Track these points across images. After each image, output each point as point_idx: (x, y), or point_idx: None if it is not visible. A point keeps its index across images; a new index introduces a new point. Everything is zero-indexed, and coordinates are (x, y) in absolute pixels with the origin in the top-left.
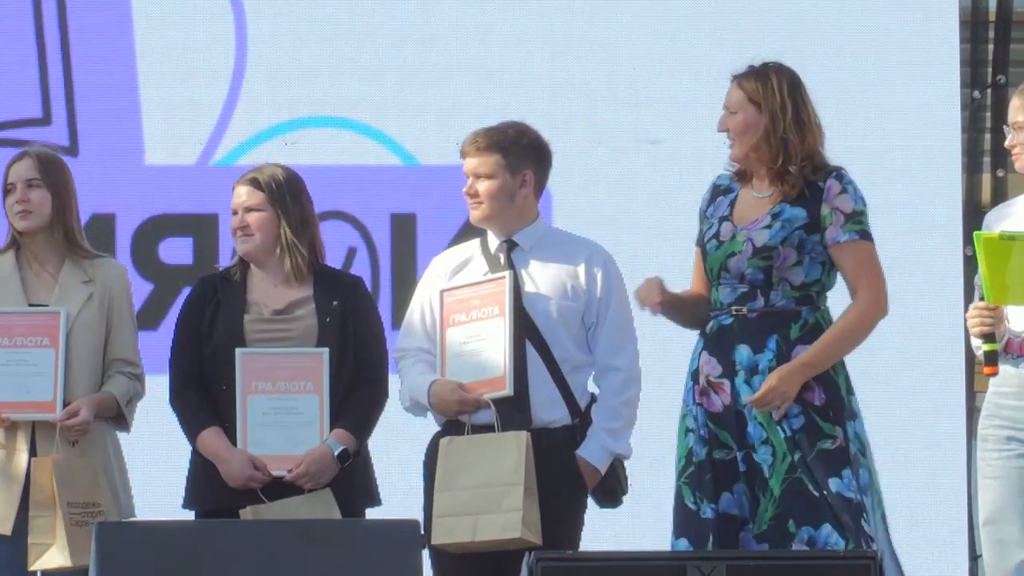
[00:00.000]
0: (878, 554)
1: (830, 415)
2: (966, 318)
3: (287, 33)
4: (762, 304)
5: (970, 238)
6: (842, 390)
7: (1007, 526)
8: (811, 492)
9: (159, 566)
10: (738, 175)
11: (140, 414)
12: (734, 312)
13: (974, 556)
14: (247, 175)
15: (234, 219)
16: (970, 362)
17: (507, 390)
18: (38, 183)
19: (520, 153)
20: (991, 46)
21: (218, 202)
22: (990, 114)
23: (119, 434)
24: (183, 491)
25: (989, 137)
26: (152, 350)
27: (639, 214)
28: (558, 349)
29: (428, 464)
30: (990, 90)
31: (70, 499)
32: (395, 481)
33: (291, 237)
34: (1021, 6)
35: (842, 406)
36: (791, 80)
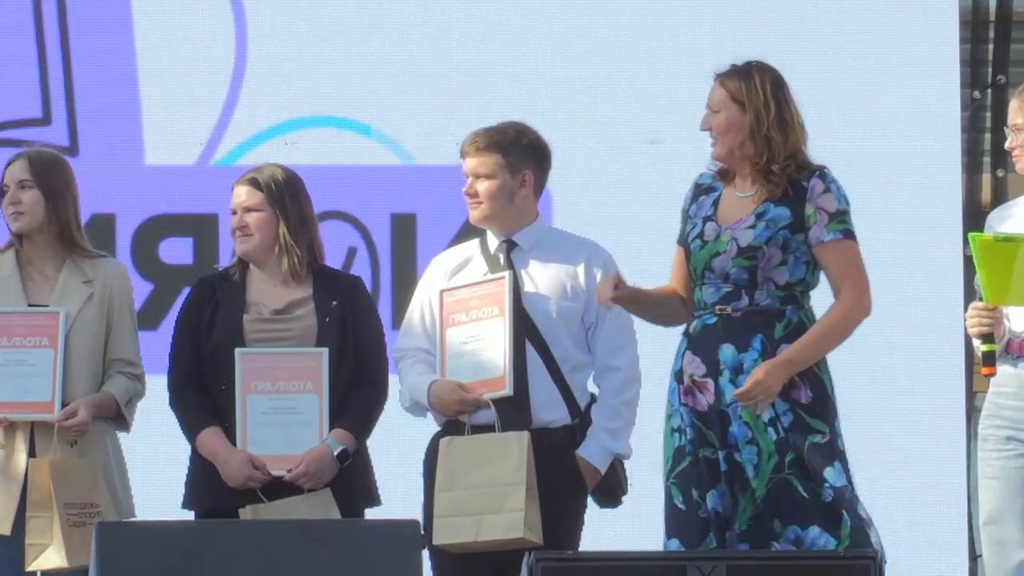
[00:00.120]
0: (878, 554)
1: (817, 412)
2: (965, 318)
3: (287, 33)
4: (746, 303)
5: (971, 231)
6: (828, 388)
7: (1007, 526)
8: (799, 493)
9: (159, 566)
10: (720, 174)
11: (140, 414)
12: (718, 311)
13: (974, 556)
14: (246, 175)
15: (233, 219)
16: (970, 362)
17: (507, 390)
18: (30, 184)
19: (520, 153)
20: (991, 46)
21: (218, 202)
22: (990, 114)
23: (119, 434)
24: (183, 491)
25: (989, 137)
26: (152, 350)
27: (639, 214)
28: (558, 349)
29: (428, 464)
30: (990, 90)
31: (67, 500)
32: (395, 481)
33: (290, 237)
34: (1021, 6)
35: (828, 403)
36: (774, 79)
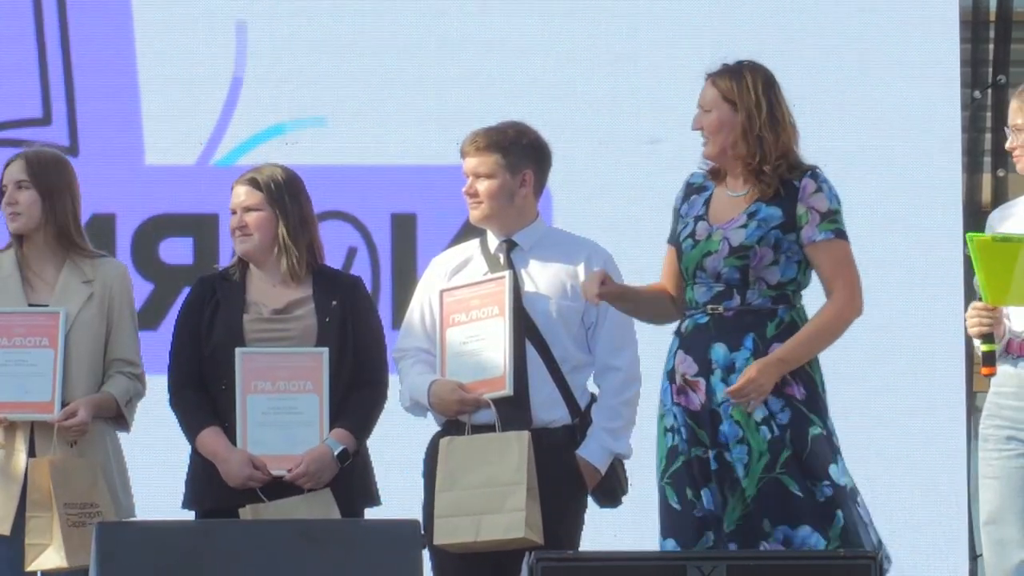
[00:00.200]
0: (879, 554)
1: (815, 407)
2: (965, 319)
3: (288, 34)
4: (738, 303)
5: (969, 232)
6: (819, 387)
7: (1007, 526)
8: (792, 492)
9: (159, 566)
10: (712, 173)
11: (140, 414)
12: (710, 311)
13: (974, 556)
14: (246, 175)
15: (233, 219)
16: (970, 362)
17: (507, 390)
18: (27, 185)
19: (520, 153)
20: (991, 46)
21: (218, 202)
22: (990, 114)
23: (119, 434)
24: (183, 491)
25: (989, 137)
26: (152, 350)
27: (639, 214)
28: (558, 349)
29: (428, 464)
30: (990, 90)
31: (67, 500)
32: (395, 481)
33: (288, 237)
34: (1021, 6)
35: (820, 402)
36: (765, 78)
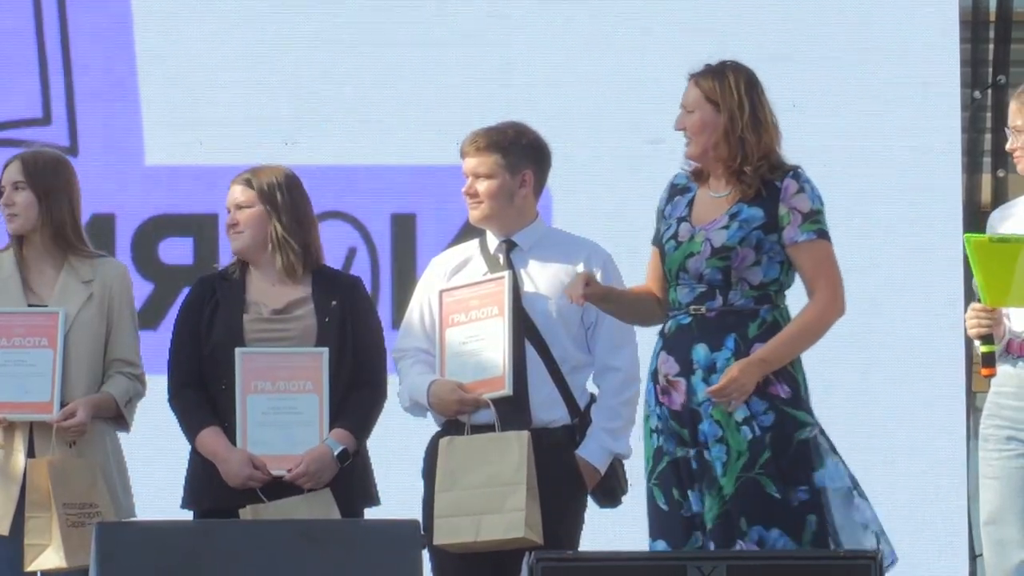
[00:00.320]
0: (879, 554)
1: (799, 406)
2: (965, 319)
3: (289, 35)
4: (720, 304)
5: (967, 233)
6: (801, 387)
7: (1007, 526)
8: (768, 494)
9: (159, 566)
10: (695, 175)
11: (140, 414)
12: (692, 312)
13: (974, 556)
14: (242, 174)
15: (228, 217)
16: (970, 362)
17: (506, 390)
18: (23, 186)
19: (520, 153)
20: (991, 46)
21: (218, 202)
22: (990, 114)
23: (119, 434)
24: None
25: (989, 137)
26: (152, 350)
27: (639, 214)
28: (557, 349)
29: (428, 464)
30: (990, 90)
31: (66, 500)
32: (394, 481)
33: (281, 234)
34: (1021, 6)
35: (806, 402)
36: (748, 79)
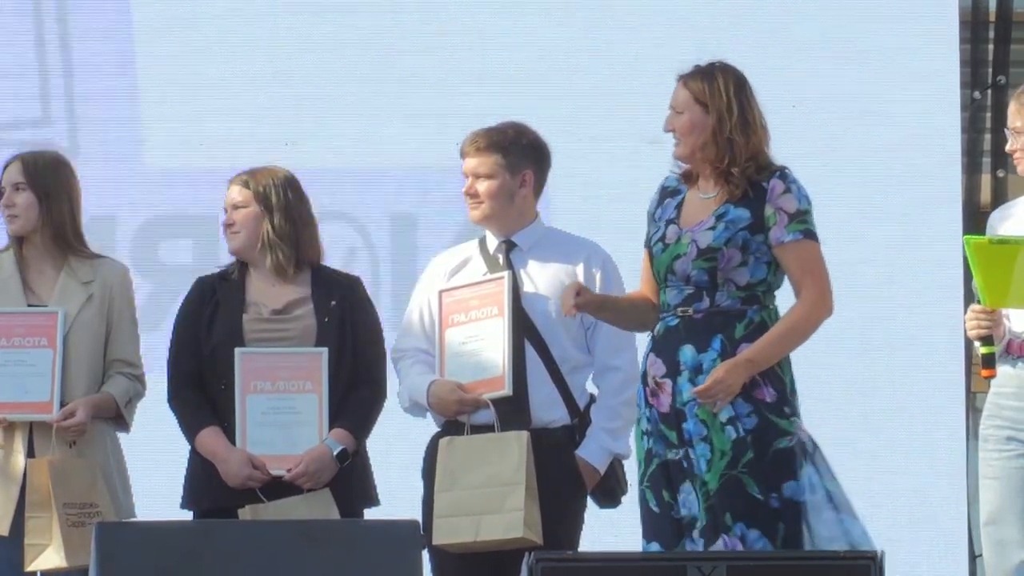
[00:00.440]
0: (878, 554)
1: (784, 411)
2: (964, 320)
3: (288, 39)
4: (708, 305)
5: (967, 235)
6: (788, 389)
7: (1007, 526)
8: (749, 494)
9: (159, 566)
10: (685, 177)
11: (140, 414)
12: (679, 313)
13: (974, 556)
14: (240, 175)
15: (225, 217)
16: (970, 362)
17: (506, 390)
18: (24, 187)
19: (520, 153)
20: (991, 46)
21: (218, 202)
22: (990, 115)
23: (119, 434)
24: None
25: (989, 138)
26: (152, 350)
27: (639, 215)
28: (557, 349)
29: (428, 464)
30: (990, 91)
31: (66, 500)
32: (394, 481)
33: (273, 234)
34: (1021, 6)
35: (792, 403)
36: (737, 80)
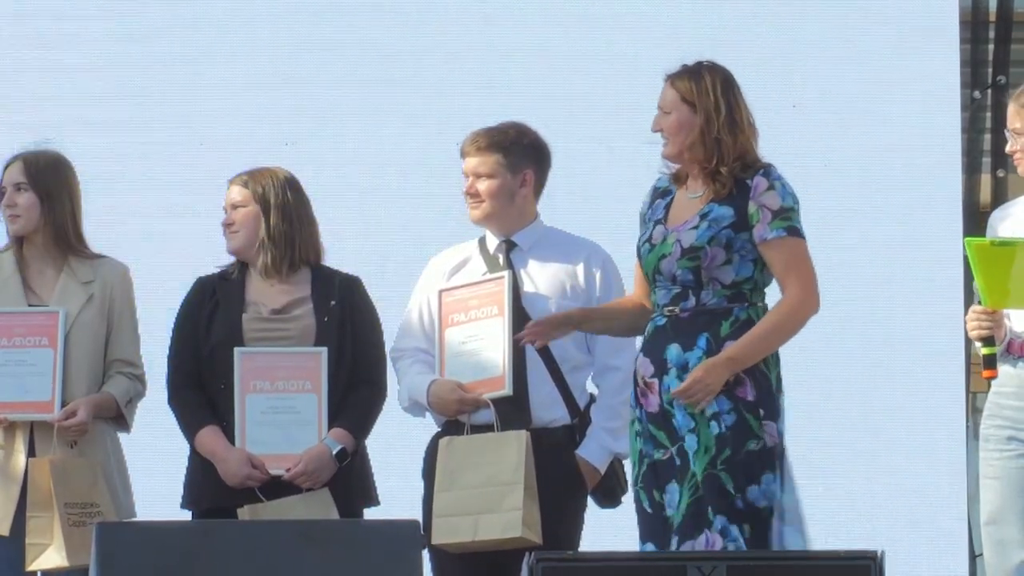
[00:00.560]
0: (878, 554)
1: (760, 413)
2: (965, 321)
3: (289, 35)
4: (694, 304)
5: (968, 236)
6: (773, 387)
7: (1008, 526)
8: (728, 490)
9: (159, 566)
10: (674, 177)
11: (140, 413)
12: (667, 313)
13: (974, 556)
14: (240, 175)
15: (224, 217)
16: (969, 362)
17: (506, 390)
18: (25, 187)
19: (520, 153)
20: (991, 46)
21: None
22: (990, 115)
23: (119, 434)
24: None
25: (989, 138)
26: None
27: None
28: (557, 349)
29: (428, 464)
30: (990, 91)
31: (67, 499)
32: (394, 481)
33: (268, 234)
34: (1021, 6)
35: (773, 402)
36: (724, 79)
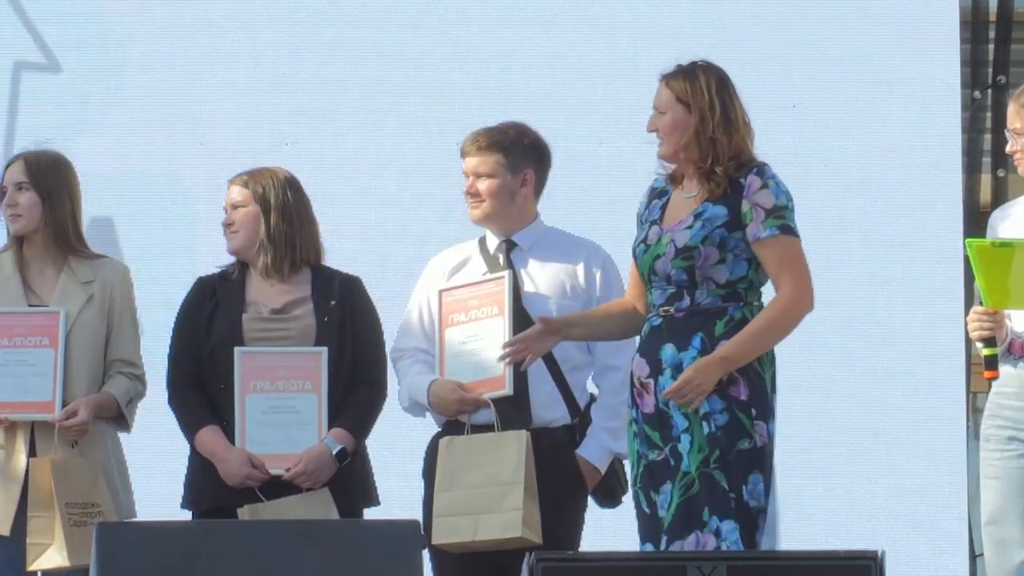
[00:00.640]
0: (879, 554)
1: (752, 412)
2: (966, 322)
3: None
4: (688, 303)
5: (969, 237)
6: (767, 386)
7: (1008, 526)
8: (723, 487)
9: (159, 566)
10: (670, 177)
11: (140, 414)
12: (662, 313)
13: (974, 556)
14: (240, 175)
15: (225, 217)
16: (970, 362)
17: (507, 390)
18: (27, 186)
19: (521, 153)
20: (991, 46)
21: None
22: (990, 114)
23: (120, 434)
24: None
25: (989, 137)
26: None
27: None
28: (557, 349)
29: (428, 464)
30: (990, 90)
31: (68, 499)
32: (394, 481)
33: (268, 234)
34: (1021, 6)
35: (765, 402)
36: (719, 79)
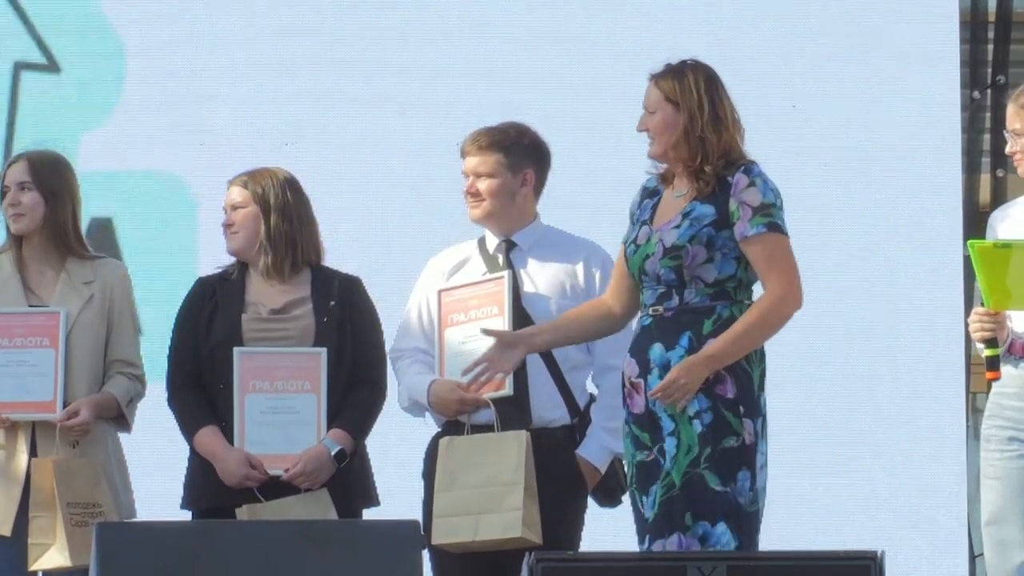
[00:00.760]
0: (878, 554)
1: (739, 410)
2: (967, 322)
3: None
4: (677, 303)
5: (970, 238)
6: (755, 385)
7: (1008, 527)
8: (712, 488)
9: (159, 566)
10: (662, 177)
11: (140, 414)
12: (652, 313)
13: (974, 556)
14: (240, 176)
15: (225, 218)
16: (970, 362)
17: (507, 390)
18: (30, 186)
19: (521, 152)
20: (991, 46)
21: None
22: (990, 114)
23: (120, 434)
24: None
25: (989, 137)
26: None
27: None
28: (558, 349)
29: (428, 465)
30: (990, 91)
31: (70, 499)
32: (394, 481)
33: (268, 235)
34: (1021, 6)
35: (752, 401)
36: (707, 77)
